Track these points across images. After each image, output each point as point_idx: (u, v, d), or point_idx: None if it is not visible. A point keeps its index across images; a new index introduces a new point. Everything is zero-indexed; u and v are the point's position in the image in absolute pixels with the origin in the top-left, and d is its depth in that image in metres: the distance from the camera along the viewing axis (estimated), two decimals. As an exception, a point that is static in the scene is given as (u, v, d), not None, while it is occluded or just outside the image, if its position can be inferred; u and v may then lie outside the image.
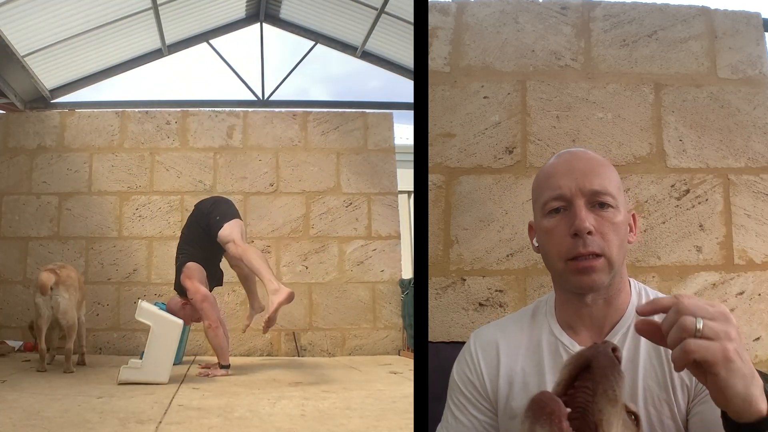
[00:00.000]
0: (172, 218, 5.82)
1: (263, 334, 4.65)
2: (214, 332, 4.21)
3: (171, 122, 6.00)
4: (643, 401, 1.34)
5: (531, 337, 1.50)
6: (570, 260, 1.38)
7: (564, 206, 1.41)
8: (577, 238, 1.36)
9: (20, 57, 5.52)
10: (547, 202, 1.43)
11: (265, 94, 7.13)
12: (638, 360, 1.37)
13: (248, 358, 5.26)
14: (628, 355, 1.36)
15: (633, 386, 1.35)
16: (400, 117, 6.65)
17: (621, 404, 1.03)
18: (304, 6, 6.89)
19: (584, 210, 1.38)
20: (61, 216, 5.78)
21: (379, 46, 7.10)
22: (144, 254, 5.77)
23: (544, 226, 1.44)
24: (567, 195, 1.40)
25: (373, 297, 5.84)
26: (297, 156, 6.03)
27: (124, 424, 2.55)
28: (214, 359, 4.42)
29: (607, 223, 1.37)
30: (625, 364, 1.35)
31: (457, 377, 1.55)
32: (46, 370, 3.98)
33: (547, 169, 1.48)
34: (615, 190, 1.41)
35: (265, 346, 5.63)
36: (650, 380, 1.35)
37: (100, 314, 5.65)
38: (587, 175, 1.41)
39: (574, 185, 1.40)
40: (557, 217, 1.41)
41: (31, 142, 5.87)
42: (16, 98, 6.04)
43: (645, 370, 1.36)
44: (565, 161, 1.47)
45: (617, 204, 1.40)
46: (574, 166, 1.44)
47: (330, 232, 5.92)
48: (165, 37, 6.58)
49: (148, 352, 3.71)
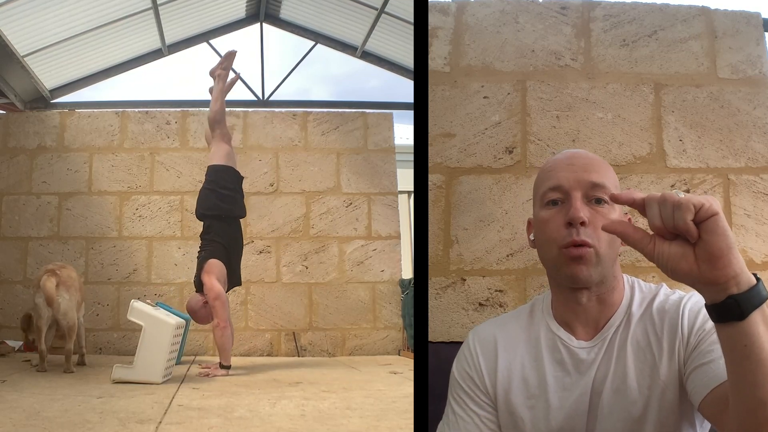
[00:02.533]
0: (172, 218, 5.82)
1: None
2: (221, 332, 4.21)
3: (171, 122, 6.00)
4: (638, 384, 1.38)
5: (529, 333, 1.53)
6: (563, 248, 1.40)
7: (561, 198, 1.44)
8: (571, 227, 1.39)
9: (20, 57, 5.52)
10: (546, 193, 1.46)
11: (265, 94, 7.13)
12: (627, 346, 1.41)
13: (248, 358, 5.26)
14: (620, 344, 1.41)
15: (623, 378, 1.38)
16: (400, 117, 6.65)
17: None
18: (304, 6, 6.89)
19: (580, 201, 1.41)
20: (61, 216, 5.78)
21: (379, 46, 7.10)
22: (144, 254, 5.77)
23: (541, 217, 1.47)
24: (565, 186, 1.43)
25: (373, 297, 5.84)
26: (297, 156, 6.03)
27: (124, 424, 2.56)
28: (214, 359, 4.42)
29: (601, 218, 1.40)
30: (618, 353, 1.41)
31: (457, 373, 1.57)
32: (46, 370, 3.99)
33: (548, 164, 1.53)
34: (612, 188, 1.43)
35: (265, 346, 5.63)
36: (640, 369, 1.39)
37: (100, 314, 5.66)
38: (586, 168, 1.45)
39: (572, 177, 1.43)
40: (555, 208, 1.44)
41: (31, 142, 5.88)
42: (16, 98, 6.04)
43: (635, 354, 1.40)
44: (566, 157, 1.51)
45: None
46: (575, 160, 1.48)
47: (330, 232, 5.92)
48: (165, 37, 6.58)
49: (139, 352, 3.73)
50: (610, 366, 1.41)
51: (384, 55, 7.23)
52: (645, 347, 1.40)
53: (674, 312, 1.39)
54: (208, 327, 5.51)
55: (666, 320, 1.40)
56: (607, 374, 1.41)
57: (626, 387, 1.38)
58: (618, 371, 1.40)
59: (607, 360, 1.42)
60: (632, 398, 1.37)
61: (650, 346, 1.39)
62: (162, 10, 6.02)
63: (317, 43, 7.26)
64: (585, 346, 1.44)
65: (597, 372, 1.42)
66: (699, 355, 1.31)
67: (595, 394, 1.41)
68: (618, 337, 1.42)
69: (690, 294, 1.40)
